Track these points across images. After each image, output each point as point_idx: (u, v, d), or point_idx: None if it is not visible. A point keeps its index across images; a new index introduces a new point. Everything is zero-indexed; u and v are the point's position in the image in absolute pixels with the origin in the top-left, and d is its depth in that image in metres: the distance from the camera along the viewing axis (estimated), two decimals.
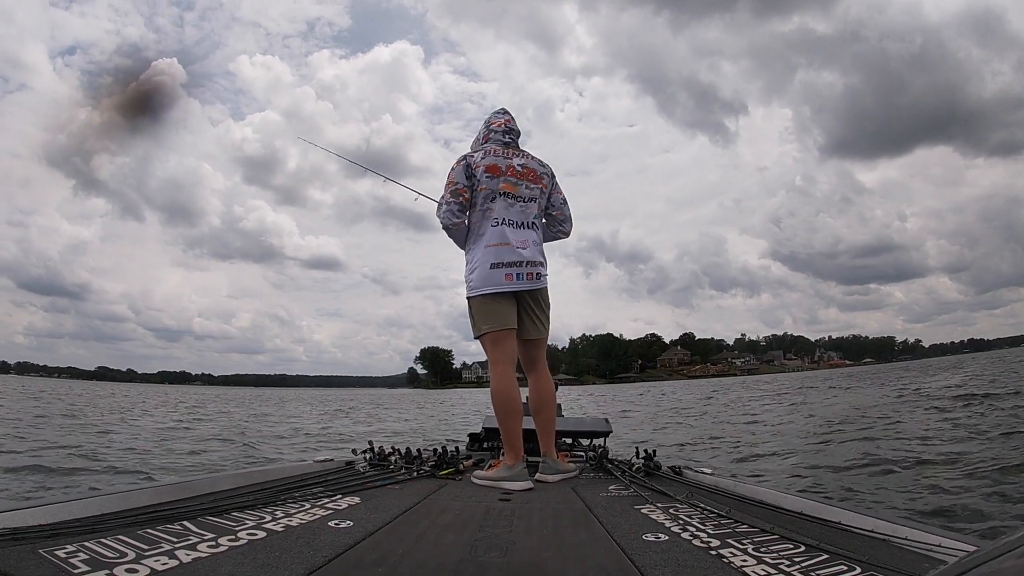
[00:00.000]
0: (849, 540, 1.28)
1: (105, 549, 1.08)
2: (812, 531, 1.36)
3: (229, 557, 1.12)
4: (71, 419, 11.15)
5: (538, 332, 2.41)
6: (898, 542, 1.23)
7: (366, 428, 11.37)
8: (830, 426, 7.90)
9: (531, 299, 2.38)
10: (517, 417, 2.29)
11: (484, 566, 1.17)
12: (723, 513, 1.55)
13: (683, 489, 1.94)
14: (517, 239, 2.32)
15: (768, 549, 1.24)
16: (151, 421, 11.73)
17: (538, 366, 2.45)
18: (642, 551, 1.25)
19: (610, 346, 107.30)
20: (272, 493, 1.71)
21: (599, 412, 10.44)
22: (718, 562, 1.16)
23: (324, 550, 1.21)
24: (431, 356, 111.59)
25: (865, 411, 9.46)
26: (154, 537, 1.19)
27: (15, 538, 1.08)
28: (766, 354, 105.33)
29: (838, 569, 1.09)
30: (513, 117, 2.55)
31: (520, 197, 2.36)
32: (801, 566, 1.12)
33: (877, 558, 1.12)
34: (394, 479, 2.17)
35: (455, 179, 2.35)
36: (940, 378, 17.53)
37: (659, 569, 1.13)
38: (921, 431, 6.39)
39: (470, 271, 2.35)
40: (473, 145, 2.53)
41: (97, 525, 1.21)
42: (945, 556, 1.11)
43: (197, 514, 1.39)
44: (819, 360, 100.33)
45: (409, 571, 1.13)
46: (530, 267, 2.33)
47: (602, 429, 3.41)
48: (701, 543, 1.30)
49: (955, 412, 7.92)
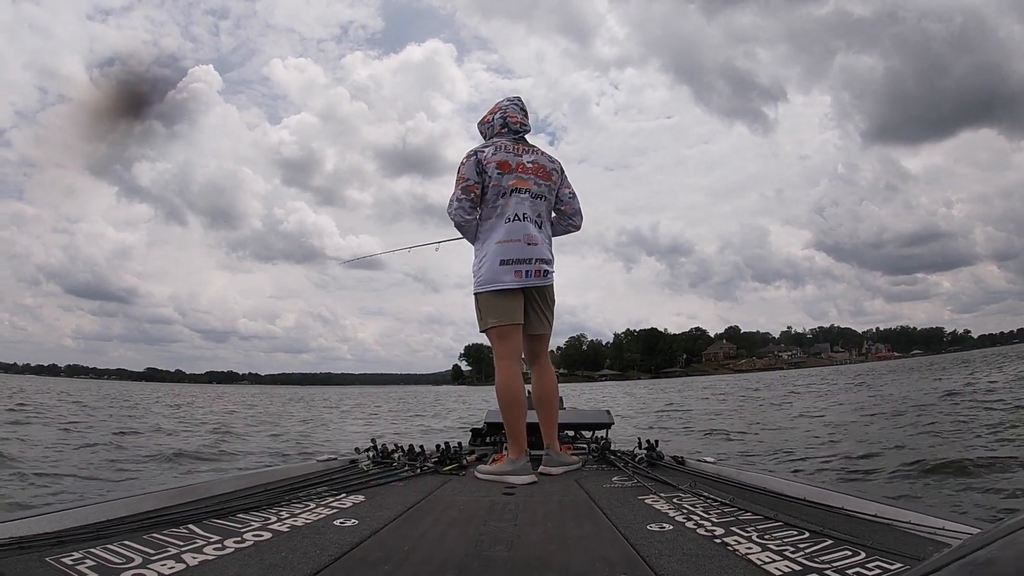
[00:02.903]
0: (852, 525, 1.28)
1: (111, 555, 1.08)
2: (815, 517, 1.36)
3: (235, 559, 1.12)
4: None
5: (543, 328, 2.44)
6: (901, 526, 1.24)
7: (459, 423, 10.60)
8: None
9: (538, 295, 2.40)
10: (521, 411, 2.31)
11: (489, 560, 1.17)
12: (726, 501, 1.56)
13: (686, 479, 1.95)
14: (527, 236, 2.33)
15: (772, 536, 1.24)
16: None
17: (541, 360, 2.49)
18: (647, 541, 1.26)
19: (654, 341, 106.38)
20: (276, 494, 1.71)
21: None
22: (723, 550, 1.17)
23: (330, 549, 1.21)
24: (475, 353, 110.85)
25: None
26: (160, 541, 1.19)
27: (21, 546, 1.08)
28: (813, 347, 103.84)
29: (842, 554, 1.09)
30: (526, 111, 2.53)
31: (530, 193, 2.37)
32: (805, 552, 1.12)
33: (881, 542, 1.12)
34: (398, 476, 2.18)
35: (466, 175, 2.34)
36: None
37: (664, 558, 1.13)
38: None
39: (479, 266, 2.35)
40: (481, 129, 2.52)
41: (103, 531, 1.21)
42: (948, 539, 1.11)
43: (202, 517, 1.39)
44: (867, 352, 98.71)
45: (415, 567, 1.14)
46: (538, 264, 2.34)
47: (604, 421, 3.42)
48: (705, 532, 1.30)
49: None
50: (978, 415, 7.27)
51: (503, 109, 2.49)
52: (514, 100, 2.53)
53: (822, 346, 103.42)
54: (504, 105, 2.50)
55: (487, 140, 2.47)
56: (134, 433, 8.49)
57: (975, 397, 9.70)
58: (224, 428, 9.96)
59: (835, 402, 12.72)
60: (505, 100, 2.53)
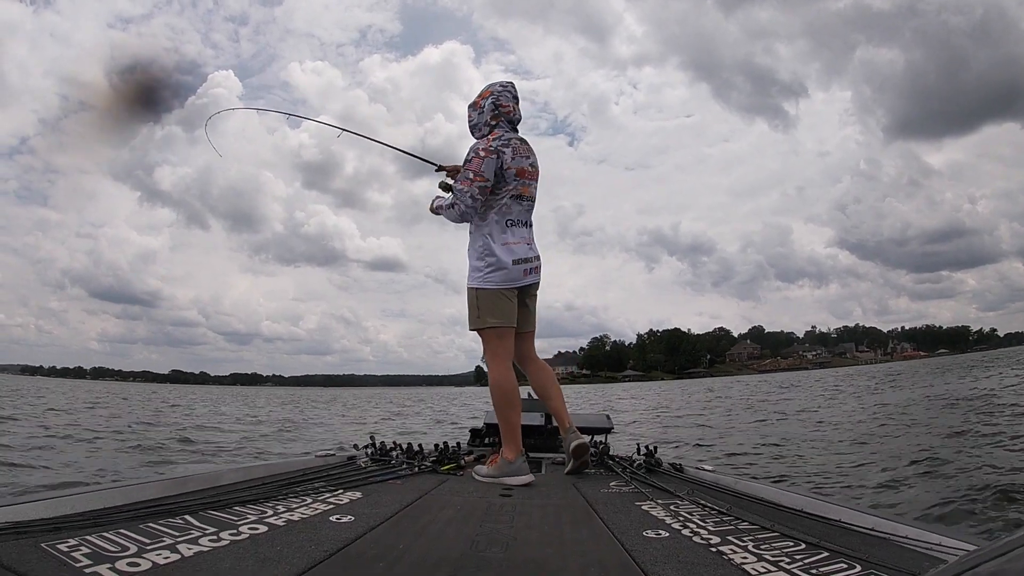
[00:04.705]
0: (849, 538, 1.27)
1: (107, 543, 1.09)
2: (812, 528, 1.36)
3: (230, 551, 1.13)
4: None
5: (531, 324, 2.49)
6: (898, 540, 1.23)
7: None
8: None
9: (528, 294, 2.45)
10: (517, 411, 2.32)
11: (485, 561, 1.17)
12: (724, 510, 1.55)
13: (684, 486, 1.94)
14: (525, 238, 2.39)
15: (768, 546, 1.24)
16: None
17: (533, 355, 2.53)
18: (643, 547, 1.26)
19: (678, 341, 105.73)
20: (274, 488, 1.71)
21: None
22: (718, 559, 1.16)
23: (325, 544, 1.21)
24: None
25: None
26: (156, 531, 1.19)
27: (17, 532, 1.08)
28: (838, 347, 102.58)
29: (838, 567, 1.09)
30: (518, 98, 2.45)
31: (531, 197, 2.42)
32: (801, 563, 1.11)
33: (877, 556, 1.12)
34: (395, 474, 2.18)
35: (485, 174, 2.28)
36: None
37: (659, 565, 1.13)
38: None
39: (488, 265, 2.32)
40: (470, 113, 2.42)
41: (99, 519, 1.22)
42: (945, 555, 1.11)
43: (199, 508, 1.39)
44: (892, 352, 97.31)
45: (410, 566, 1.14)
46: (536, 262, 2.42)
47: (603, 426, 3.42)
48: (701, 540, 1.30)
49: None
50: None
51: (495, 95, 2.40)
52: (507, 86, 2.44)
53: (847, 346, 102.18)
54: (497, 90, 2.41)
55: (475, 127, 2.41)
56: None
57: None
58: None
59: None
60: (498, 84, 2.44)
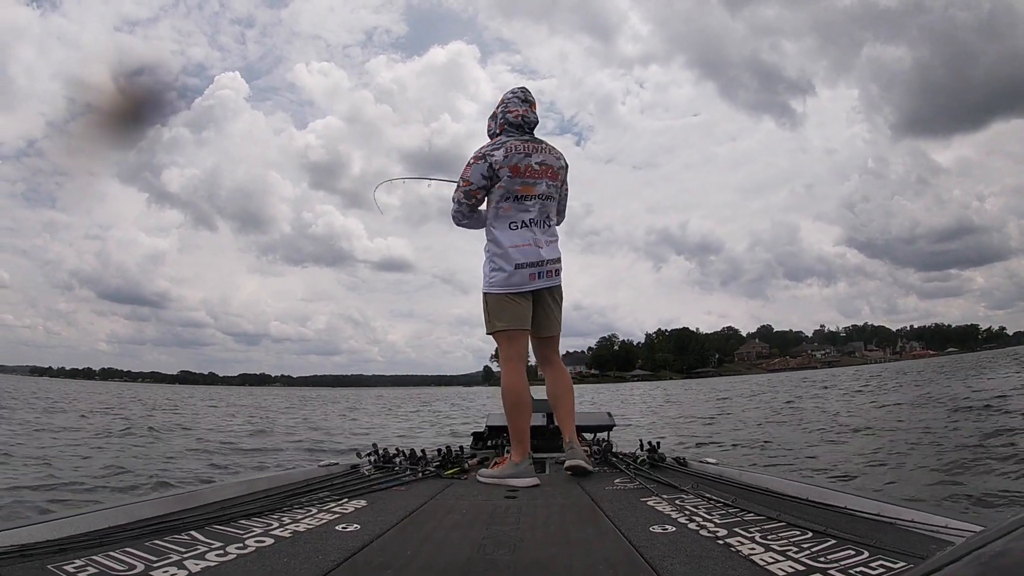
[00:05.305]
0: (855, 524, 1.28)
1: (113, 562, 1.08)
2: (818, 517, 1.36)
3: (238, 565, 1.12)
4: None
5: (553, 329, 2.44)
6: (904, 525, 1.24)
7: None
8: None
9: (548, 296, 2.40)
10: (526, 414, 2.30)
11: (492, 564, 1.17)
12: (729, 502, 1.56)
13: (688, 480, 1.95)
14: (538, 238, 2.33)
15: (775, 536, 1.24)
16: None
17: (554, 359, 2.49)
18: (650, 543, 1.26)
19: (686, 340, 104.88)
20: (278, 499, 1.71)
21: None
22: (726, 551, 1.17)
23: (332, 554, 1.21)
24: None
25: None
26: (162, 548, 1.19)
27: (23, 555, 1.08)
28: (847, 345, 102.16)
29: (845, 553, 1.09)
30: (532, 101, 2.44)
31: (540, 196, 2.35)
32: (808, 552, 1.12)
33: (884, 541, 1.12)
34: (399, 480, 2.17)
35: (471, 180, 2.32)
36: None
37: (667, 560, 1.13)
38: None
39: (492, 268, 2.33)
40: (489, 124, 2.45)
41: (104, 539, 1.21)
42: (951, 538, 1.11)
43: (204, 523, 1.39)
44: (901, 351, 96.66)
45: (418, 571, 1.13)
46: (550, 265, 2.35)
47: (606, 423, 3.43)
48: (708, 533, 1.30)
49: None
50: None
51: (505, 102, 2.41)
52: (517, 92, 2.45)
53: (856, 344, 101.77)
54: (507, 98, 2.43)
55: (491, 137, 2.42)
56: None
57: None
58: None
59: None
60: (509, 92, 2.45)
